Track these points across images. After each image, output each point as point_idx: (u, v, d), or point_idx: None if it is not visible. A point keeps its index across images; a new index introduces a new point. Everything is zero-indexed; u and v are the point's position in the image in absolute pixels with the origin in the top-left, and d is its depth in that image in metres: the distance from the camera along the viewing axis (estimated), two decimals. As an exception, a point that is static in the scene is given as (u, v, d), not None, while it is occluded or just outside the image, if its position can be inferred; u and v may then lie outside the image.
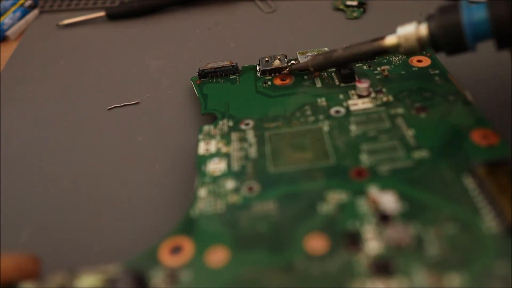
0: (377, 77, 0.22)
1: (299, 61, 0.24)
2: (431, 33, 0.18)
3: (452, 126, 0.19)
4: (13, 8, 0.36)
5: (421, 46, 0.19)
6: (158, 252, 0.16)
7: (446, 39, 0.18)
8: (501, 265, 0.14)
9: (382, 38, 0.20)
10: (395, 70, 0.23)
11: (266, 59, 0.24)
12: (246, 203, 0.17)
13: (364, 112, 0.20)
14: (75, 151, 0.23)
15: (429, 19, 0.18)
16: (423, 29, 0.18)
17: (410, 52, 0.19)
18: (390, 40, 0.20)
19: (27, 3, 0.36)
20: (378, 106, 0.20)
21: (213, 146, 0.20)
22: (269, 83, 0.23)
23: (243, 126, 0.21)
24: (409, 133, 0.19)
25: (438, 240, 0.15)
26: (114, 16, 0.34)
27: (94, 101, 0.26)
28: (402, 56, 0.23)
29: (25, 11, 0.36)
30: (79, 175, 0.22)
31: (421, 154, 0.18)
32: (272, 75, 0.24)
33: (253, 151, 0.19)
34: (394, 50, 0.20)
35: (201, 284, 0.15)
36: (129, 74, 0.28)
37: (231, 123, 0.21)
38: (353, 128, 0.19)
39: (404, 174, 0.17)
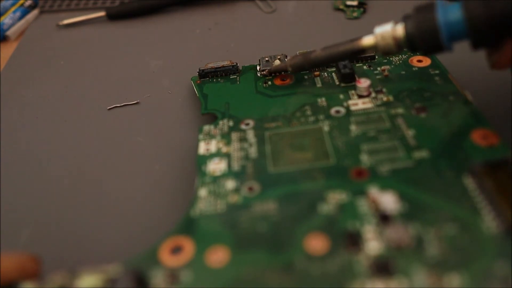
0: (377, 77, 0.22)
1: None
2: (408, 33, 0.18)
3: (452, 126, 0.19)
4: (13, 8, 0.36)
5: (398, 46, 0.19)
6: (158, 252, 0.16)
7: (422, 39, 0.18)
8: (501, 265, 0.14)
9: (360, 38, 0.20)
10: (395, 70, 0.23)
11: (266, 59, 0.24)
12: (246, 203, 0.17)
13: (364, 112, 0.20)
14: (75, 151, 0.23)
15: (405, 19, 0.18)
16: (399, 29, 0.18)
17: (387, 52, 0.19)
18: (367, 40, 0.19)
19: (27, 3, 0.36)
20: (378, 106, 0.20)
21: (213, 146, 0.20)
22: (269, 83, 0.23)
23: (243, 126, 0.21)
24: (409, 133, 0.19)
25: (438, 240, 0.15)
26: (114, 16, 0.34)
27: (94, 101, 0.26)
28: (402, 56, 0.23)
29: (25, 11, 0.36)
30: (79, 175, 0.22)
31: (421, 154, 0.18)
32: (272, 75, 0.24)
33: (253, 151, 0.19)
34: (371, 50, 0.19)
35: (201, 284, 0.15)
36: (129, 74, 0.28)
37: (231, 123, 0.21)
38: (353, 128, 0.19)
39: (404, 174, 0.17)
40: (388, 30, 0.19)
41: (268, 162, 0.18)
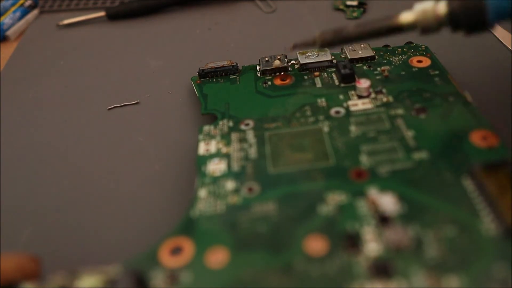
0: (377, 77, 0.22)
1: (299, 61, 0.24)
2: (451, 9, 0.17)
3: (452, 127, 0.19)
4: (13, 8, 0.36)
5: (438, 24, 0.18)
6: (158, 252, 0.16)
7: (467, 16, 0.17)
8: (500, 267, 0.14)
9: (397, 14, 0.19)
10: (395, 71, 0.23)
11: (266, 59, 0.24)
12: (246, 204, 0.17)
13: (364, 113, 0.20)
14: (75, 151, 0.23)
15: None
16: (442, 5, 0.18)
17: (426, 31, 0.18)
18: (406, 16, 0.18)
19: (27, 3, 0.36)
20: (378, 106, 0.20)
21: (213, 146, 0.20)
22: (269, 83, 0.23)
23: (243, 126, 0.21)
24: (409, 134, 0.19)
25: (437, 242, 0.15)
26: (114, 16, 0.34)
27: (94, 101, 0.27)
28: (402, 56, 0.23)
29: (25, 11, 0.36)
30: (79, 175, 0.22)
31: (421, 155, 0.18)
32: (272, 75, 0.24)
33: (253, 152, 0.19)
34: (409, 28, 0.18)
35: (201, 284, 0.15)
36: (129, 74, 0.28)
37: (231, 123, 0.21)
38: (353, 128, 0.19)
39: (403, 175, 0.17)
40: (429, 6, 0.18)
41: (268, 163, 0.19)
